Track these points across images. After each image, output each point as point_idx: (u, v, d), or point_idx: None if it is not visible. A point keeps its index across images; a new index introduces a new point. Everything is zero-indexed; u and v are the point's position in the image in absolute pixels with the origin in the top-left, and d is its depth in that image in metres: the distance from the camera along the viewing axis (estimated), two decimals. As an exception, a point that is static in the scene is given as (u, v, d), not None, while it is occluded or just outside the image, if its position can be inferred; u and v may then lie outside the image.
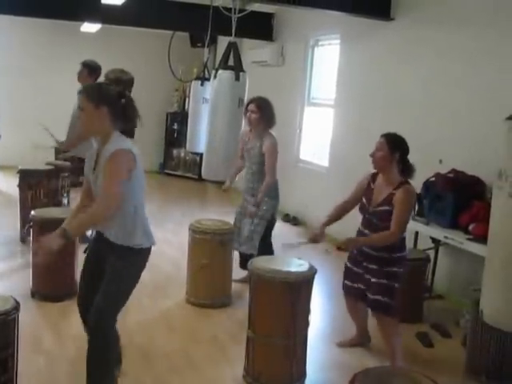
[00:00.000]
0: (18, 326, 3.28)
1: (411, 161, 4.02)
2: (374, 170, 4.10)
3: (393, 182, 3.95)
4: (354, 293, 4.18)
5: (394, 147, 3.93)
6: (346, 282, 4.25)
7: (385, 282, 3.94)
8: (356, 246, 4.08)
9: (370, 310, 4.26)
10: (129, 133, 3.27)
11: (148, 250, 3.31)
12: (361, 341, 4.50)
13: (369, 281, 4.01)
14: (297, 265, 3.91)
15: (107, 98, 3.15)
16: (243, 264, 5.56)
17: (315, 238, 4.22)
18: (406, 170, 3.97)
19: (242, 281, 5.56)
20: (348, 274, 4.22)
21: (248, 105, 5.37)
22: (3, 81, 10.13)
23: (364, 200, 4.10)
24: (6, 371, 3.19)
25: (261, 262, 3.92)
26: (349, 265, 4.21)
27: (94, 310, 3.19)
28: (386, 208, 3.91)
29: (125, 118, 3.20)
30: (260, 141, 5.35)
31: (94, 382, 3.27)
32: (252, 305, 3.84)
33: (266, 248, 5.41)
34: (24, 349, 3.56)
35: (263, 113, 5.34)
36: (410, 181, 4.01)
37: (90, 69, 6.43)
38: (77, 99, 6.52)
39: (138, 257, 3.26)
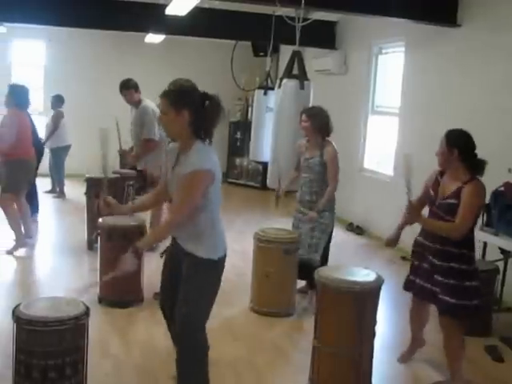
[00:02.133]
0: (88, 331, 3.36)
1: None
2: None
3: (460, 178, 3.78)
4: (419, 290, 4.00)
5: (452, 144, 3.79)
6: (410, 277, 4.09)
7: (452, 281, 3.74)
8: (417, 218, 3.85)
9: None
10: (206, 132, 3.15)
11: (215, 262, 3.28)
12: (416, 348, 4.36)
13: (436, 280, 3.83)
14: (363, 274, 3.85)
15: (189, 103, 3.08)
16: (300, 274, 5.49)
17: (390, 242, 4.19)
18: (474, 165, 3.79)
19: (300, 291, 5.51)
20: (414, 270, 4.06)
21: (301, 115, 5.30)
22: (71, 91, 10.42)
23: (431, 192, 3.99)
24: (77, 374, 3.26)
25: (327, 272, 3.87)
26: (416, 262, 4.05)
27: (178, 321, 3.19)
28: (454, 201, 3.74)
29: (206, 121, 3.13)
30: (320, 150, 5.25)
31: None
32: (318, 314, 3.80)
33: (322, 261, 5.32)
34: (92, 353, 3.62)
35: (313, 121, 5.21)
36: (482, 178, 3.80)
37: (135, 88, 6.59)
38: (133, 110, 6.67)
39: (207, 267, 3.23)
